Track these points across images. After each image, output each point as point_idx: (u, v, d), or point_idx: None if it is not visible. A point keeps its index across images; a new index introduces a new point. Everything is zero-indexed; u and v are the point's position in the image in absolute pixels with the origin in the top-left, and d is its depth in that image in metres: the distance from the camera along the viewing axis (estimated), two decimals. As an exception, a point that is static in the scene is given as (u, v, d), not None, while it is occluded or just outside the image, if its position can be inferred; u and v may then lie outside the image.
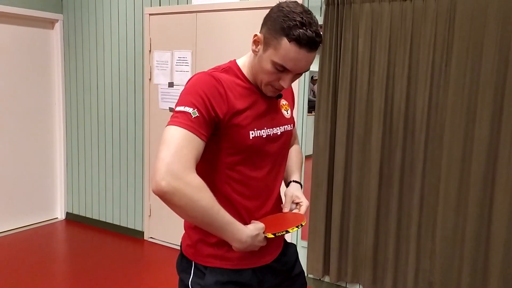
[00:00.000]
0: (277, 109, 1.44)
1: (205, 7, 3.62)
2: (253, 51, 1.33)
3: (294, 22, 1.21)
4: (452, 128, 2.74)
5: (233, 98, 1.29)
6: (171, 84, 3.87)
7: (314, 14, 1.27)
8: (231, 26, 3.53)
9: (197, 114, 1.21)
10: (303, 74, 1.38)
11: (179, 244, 3.99)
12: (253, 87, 1.37)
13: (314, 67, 3.19)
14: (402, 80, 2.85)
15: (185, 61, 3.78)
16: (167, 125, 1.23)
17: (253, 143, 1.33)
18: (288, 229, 1.28)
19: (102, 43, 4.26)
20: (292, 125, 1.51)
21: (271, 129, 1.39)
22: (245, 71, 1.39)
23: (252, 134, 1.33)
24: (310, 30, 1.21)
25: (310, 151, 3.23)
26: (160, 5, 3.87)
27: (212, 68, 1.39)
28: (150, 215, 4.16)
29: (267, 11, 1.34)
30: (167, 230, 4.08)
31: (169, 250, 3.98)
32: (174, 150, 1.15)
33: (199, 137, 1.20)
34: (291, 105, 1.58)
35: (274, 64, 1.26)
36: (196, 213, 1.17)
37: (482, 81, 2.62)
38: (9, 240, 4.12)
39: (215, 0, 3.58)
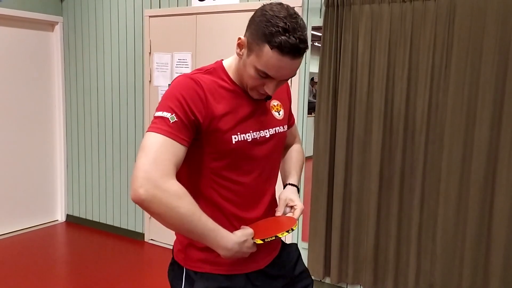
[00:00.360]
0: (266, 111, 1.38)
1: (204, 9, 3.63)
2: (238, 54, 1.29)
3: (277, 28, 1.15)
4: (452, 129, 2.74)
5: (214, 102, 1.25)
6: (171, 86, 3.87)
7: (300, 18, 1.20)
8: (230, 28, 3.53)
9: (176, 119, 1.17)
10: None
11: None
12: (238, 89, 1.32)
13: (314, 68, 3.19)
14: (402, 81, 2.86)
15: (185, 63, 3.78)
16: (146, 131, 1.20)
17: (236, 147, 1.28)
18: (277, 234, 1.24)
19: (102, 45, 4.27)
20: (285, 126, 1.46)
21: (257, 132, 1.33)
22: (231, 72, 1.34)
23: (235, 138, 1.27)
24: (293, 37, 1.14)
25: (310, 153, 3.23)
26: (160, 7, 3.88)
27: (196, 69, 1.34)
28: (150, 217, 4.16)
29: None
30: (167, 232, 4.08)
31: (170, 252, 3.98)
32: (152, 157, 1.13)
33: (178, 142, 1.17)
34: (287, 103, 1.51)
35: (257, 70, 1.21)
36: (175, 220, 1.14)
37: (482, 82, 2.62)
38: (10, 243, 4.12)
39: (215, 2, 3.58)
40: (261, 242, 1.24)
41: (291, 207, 1.44)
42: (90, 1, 4.29)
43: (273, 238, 1.24)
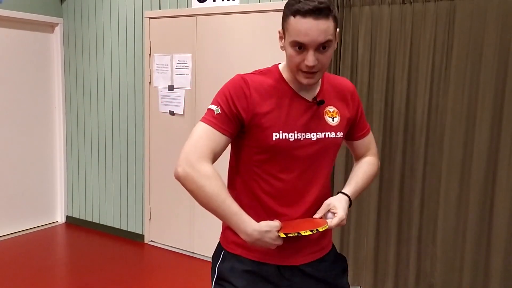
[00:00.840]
0: (317, 115, 1.42)
1: (205, 10, 3.63)
2: (281, 47, 1.38)
3: (295, 1, 1.26)
4: (452, 130, 2.74)
5: (259, 99, 1.35)
6: (171, 88, 3.88)
7: None
8: (231, 29, 3.54)
9: (220, 111, 1.33)
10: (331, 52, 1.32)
11: (180, 248, 3.99)
12: (290, 90, 1.40)
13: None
14: (402, 82, 2.86)
15: (185, 65, 3.78)
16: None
17: (276, 144, 1.35)
18: (300, 232, 1.28)
19: (102, 47, 4.27)
20: (339, 133, 1.45)
21: (302, 134, 1.38)
22: (284, 71, 1.42)
23: (276, 136, 1.35)
24: (310, 1, 1.24)
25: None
26: (160, 9, 3.88)
27: (254, 71, 1.45)
28: (150, 218, 4.16)
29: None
30: (167, 233, 4.08)
31: (170, 253, 3.98)
32: (193, 142, 1.32)
33: (218, 131, 1.32)
34: (348, 113, 1.50)
35: (292, 44, 1.29)
36: (202, 199, 1.29)
37: (482, 83, 2.63)
38: (9, 244, 4.11)
39: (215, 4, 3.59)
40: (284, 236, 1.28)
41: (334, 213, 1.42)
42: (90, 2, 4.30)
43: (296, 234, 1.27)
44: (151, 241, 4.19)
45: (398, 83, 2.87)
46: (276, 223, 1.30)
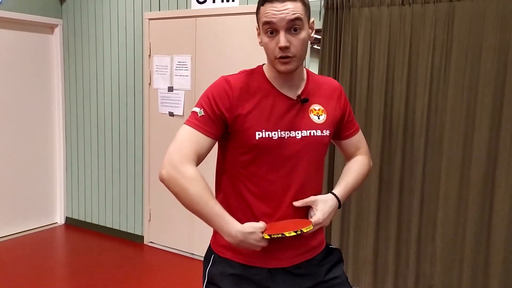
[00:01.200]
0: (302, 113, 1.42)
1: (204, 11, 3.64)
2: (259, 43, 1.41)
3: None
4: (451, 131, 2.75)
5: (241, 99, 1.36)
6: (170, 89, 3.88)
7: None
8: (230, 31, 3.54)
9: (203, 113, 1.35)
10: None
11: (179, 249, 3.99)
12: (273, 90, 1.41)
13: (314, 71, 3.19)
14: (401, 83, 2.86)
15: (185, 66, 3.79)
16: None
17: (259, 143, 1.35)
18: (284, 233, 1.27)
19: (101, 48, 4.27)
20: (325, 131, 1.45)
21: (286, 132, 1.38)
22: (267, 72, 1.44)
23: (259, 134, 1.35)
24: None
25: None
26: (159, 10, 3.88)
27: (239, 71, 1.47)
28: (149, 220, 4.16)
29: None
30: (167, 235, 4.08)
31: (169, 254, 3.98)
32: (177, 144, 1.34)
33: (202, 133, 1.34)
34: (335, 111, 1.49)
35: (264, 30, 1.34)
36: (186, 201, 1.30)
37: (481, 84, 2.63)
38: (9, 245, 4.11)
39: (215, 5, 3.59)
40: (268, 237, 1.28)
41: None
42: (90, 3, 4.30)
43: (279, 235, 1.27)
44: (151, 242, 4.19)
45: (398, 84, 2.88)
46: (260, 224, 1.30)
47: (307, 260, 1.47)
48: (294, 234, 1.28)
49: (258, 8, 1.36)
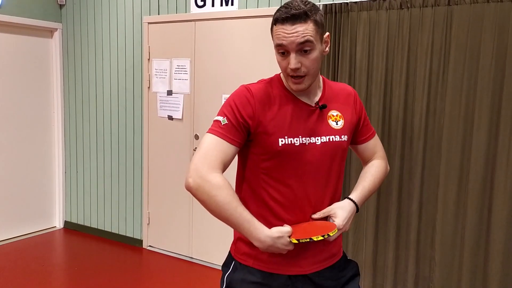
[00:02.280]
0: (320, 119, 1.44)
1: (203, 15, 3.65)
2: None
3: (277, 10, 1.35)
4: (450, 134, 2.75)
5: (264, 107, 1.39)
6: (169, 92, 3.88)
7: (307, 2, 1.36)
8: (229, 35, 3.55)
9: (226, 122, 1.37)
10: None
11: (179, 253, 3.99)
12: (292, 97, 1.43)
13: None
14: (400, 87, 2.87)
15: (184, 69, 3.80)
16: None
17: (282, 149, 1.38)
18: (312, 237, 1.29)
19: (101, 52, 4.28)
20: (344, 136, 1.47)
21: (306, 138, 1.40)
22: (284, 80, 1.46)
23: (282, 141, 1.38)
24: (289, 8, 1.32)
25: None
26: (159, 14, 3.90)
27: (258, 81, 1.49)
28: (149, 223, 4.15)
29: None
30: (166, 238, 4.07)
31: (168, 258, 3.97)
32: (202, 153, 1.34)
33: (226, 141, 1.35)
34: (351, 116, 1.52)
35: (277, 49, 1.36)
36: (214, 208, 1.30)
37: (479, 87, 2.64)
38: (7, 249, 4.10)
39: (214, 9, 3.61)
40: (296, 242, 1.29)
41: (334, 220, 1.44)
42: (89, 8, 4.31)
43: (308, 240, 1.29)
44: (150, 246, 4.19)
45: (396, 87, 2.89)
46: (287, 229, 1.32)
47: (326, 267, 1.49)
48: (322, 238, 1.29)
49: (272, 26, 1.38)
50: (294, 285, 1.44)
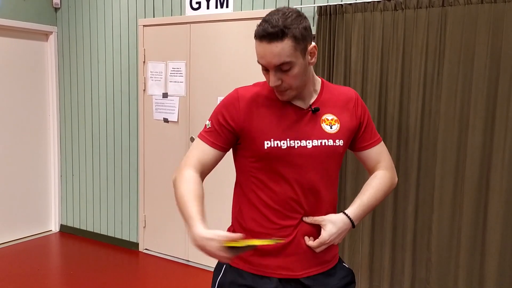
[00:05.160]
0: (313, 123, 1.41)
1: (198, 18, 3.65)
2: None
3: (259, 23, 1.31)
4: (445, 136, 2.75)
5: (250, 110, 1.39)
6: (165, 95, 3.88)
7: (287, 12, 1.29)
8: (224, 37, 3.55)
9: (210, 126, 1.43)
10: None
11: (175, 256, 3.97)
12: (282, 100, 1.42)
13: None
14: (395, 88, 2.87)
15: (179, 72, 3.79)
16: None
17: (268, 152, 1.37)
18: (243, 244, 1.21)
19: (96, 55, 4.27)
20: (338, 141, 1.42)
21: (296, 141, 1.38)
22: None
23: (268, 144, 1.37)
24: (267, 24, 1.27)
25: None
26: (154, 17, 3.89)
27: (253, 84, 1.50)
28: (145, 226, 4.14)
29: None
30: (162, 241, 4.06)
31: (165, 261, 3.96)
32: (187, 154, 1.44)
33: (206, 143, 1.41)
34: (349, 121, 1.46)
35: (260, 64, 1.35)
36: (176, 200, 1.36)
37: (474, 88, 2.65)
38: (3, 253, 4.08)
39: (209, 11, 3.60)
40: (227, 246, 1.21)
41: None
42: (84, 11, 4.30)
43: (239, 245, 1.21)
44: (146, 249, 4.17)
45: (391, 89, 2.89)
46: (222, 233, 1.22)
47: (319, 273, 1.46)
48: (253, 246, 1.23)
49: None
50: None
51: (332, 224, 1.40)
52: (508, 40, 2.53)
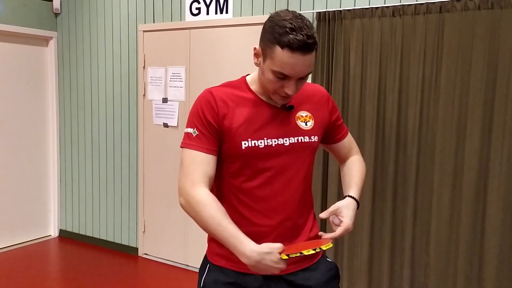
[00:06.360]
0: (288, 120, 1.43)
1: (198, 23, 3.67)
2: (255, 64, 1.39)
3: (284, 29, 1.24)
4: (443, 140, 2.77)
5: (225, 111, 1.37)
6: (165, 100, 3.90)
7: (306, 19, 1.28)
8: (224, 42, 3.57)
9: (197, 132, 1.36)
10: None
11: (174, 260, 3.97)
12: (257, 99, 1.42)
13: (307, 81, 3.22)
14: (393, 93, 2.90)
15: (179, 77, 3.81)
16: (180, 146, 1.41)
17: (246, 152, 1.37)
18: (303, 251, 1.24)
19: (96, 60, 4.29)
20: (313, 137, 1.46)
21: (273, 140, 1.39)
22: (252, 84, 1.44)
23: (245, 144, 1.37)
24: (300, 34, 1.23)
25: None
26: (154, 22, 3.92)
27: (222, 83, 1.48)
28: (144, 231, 4.14)
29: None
30: (161, 246, 4.06)
31: (164, 266, 3.96)
32: (184, 170, 1.36)
33: (202, 152, 1.35)
34: (323, 116, 1.51)
35: (274, 72, 1.29)
36: (201, 224, 1.32)
37: (472, 93, 2.67)
38: (2, 258, 4.07)
39: (209, 17, 3.63)
40: (286, 257, 1.24)
41: (340, 219, 1.43)
42: (84, 16, 4.33)
43: (298, 254, 1.24)
44: (145, 254, 4.17)
45: (390, 94, 2.91)
46: (277, 245, 1.26)
47: (302, 269, 1.47)
48: (313, 252, 1.24)
49: (271, 43, 1.27)
50: (269, 286, 1.43)
51: (346, 209, 1.43)
52: (505, 45, 2.56)
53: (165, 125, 3.91)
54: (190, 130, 1.37)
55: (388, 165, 2.94)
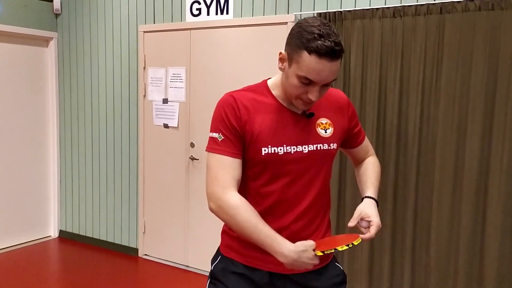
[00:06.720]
0: (308, 128, 1.44)
1: (199, 24, 3.67)
2: (280, 68, 1.39)
3: (312, 35, 1.26)
4: (443, 141, 2.77)
5: (247, 115, 1.39)
6: (165, 101, 3.90)
7: (333, 26, 1.30)
8: (225, 43, 3.58)
9: (223, 137, 1.38)
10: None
11: (174, 261, 3.97)
12: (278, 105, 1.43)
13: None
14: (393, 94, 2.90)
15: (180, 78, 3.81)
16: (205, 150, 1.44)
17: (266, 158, 1.39)
18: (337, 247, 1.28)
19: (96, 61, 4.29)
20: (333, 144, 1.47)
21: (292, 147, 1.40)
22: (274, 89, 1.45)
23: (265, 150, 1.39)
24: (328, 41, 1.25)
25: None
26: (154, 23, 3.92)
27: (243, 87, 1.48)
28: (144, 232, 4.14)
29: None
30: (161, 247, 4.06)
31: (164, 267, 3.95)
32: (212, 175, 1.38)
33: (229, 156, 1.37)
34: (343, 122, 1.52)
35: (299, 77, 1.30)
36: (235, 227, 1.36)
37: (472, 94, 2.67)
38: (2, 259, 4.07)
39: (209, 18, 3.63)
40: (321, 253, 1.29)
41: (368, 221, 1.46)
42: (85, 17, 4.33)
43: (333, 250, 1.29)
44: (145, 255, 4.17)
45: (390, 95, 2.91)
46: (310, 242, 1.31)
47: (310, 271, 1.48)
48: (346, 247, 1.29)
49: (299, 48, 1.28)
50: (274, 283, 1.46)
51: (370, 209, 1.46)
52: (505, 46, 2.56)
53: (166, 126, 3.91)
54: (215, 134, 1.39)
55: (389, 166, 2.94)
